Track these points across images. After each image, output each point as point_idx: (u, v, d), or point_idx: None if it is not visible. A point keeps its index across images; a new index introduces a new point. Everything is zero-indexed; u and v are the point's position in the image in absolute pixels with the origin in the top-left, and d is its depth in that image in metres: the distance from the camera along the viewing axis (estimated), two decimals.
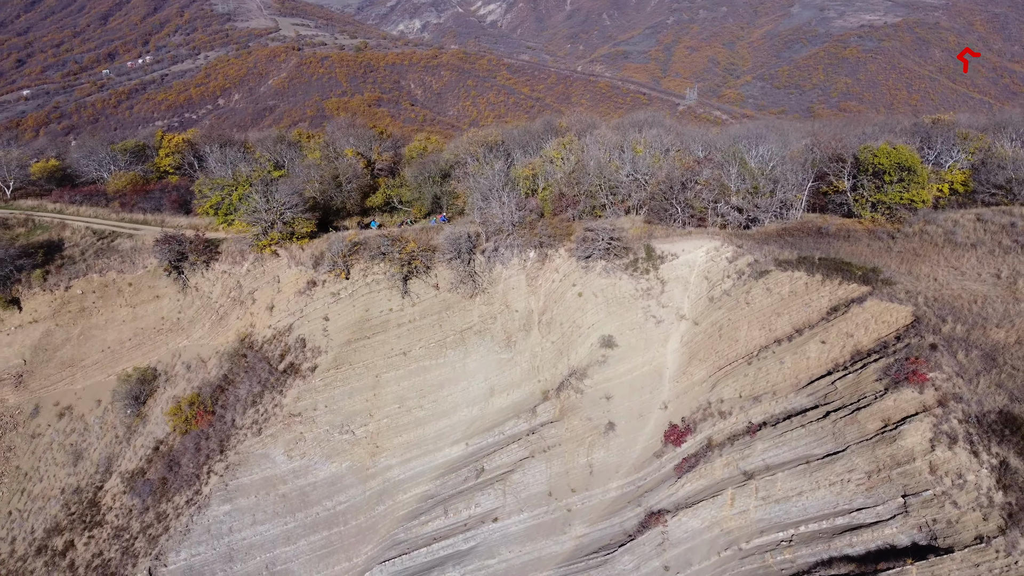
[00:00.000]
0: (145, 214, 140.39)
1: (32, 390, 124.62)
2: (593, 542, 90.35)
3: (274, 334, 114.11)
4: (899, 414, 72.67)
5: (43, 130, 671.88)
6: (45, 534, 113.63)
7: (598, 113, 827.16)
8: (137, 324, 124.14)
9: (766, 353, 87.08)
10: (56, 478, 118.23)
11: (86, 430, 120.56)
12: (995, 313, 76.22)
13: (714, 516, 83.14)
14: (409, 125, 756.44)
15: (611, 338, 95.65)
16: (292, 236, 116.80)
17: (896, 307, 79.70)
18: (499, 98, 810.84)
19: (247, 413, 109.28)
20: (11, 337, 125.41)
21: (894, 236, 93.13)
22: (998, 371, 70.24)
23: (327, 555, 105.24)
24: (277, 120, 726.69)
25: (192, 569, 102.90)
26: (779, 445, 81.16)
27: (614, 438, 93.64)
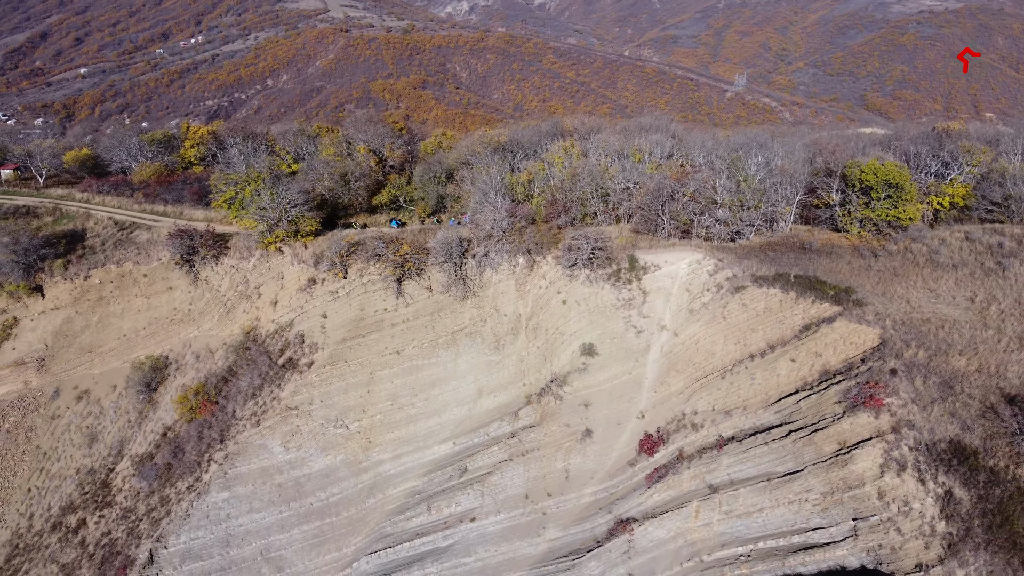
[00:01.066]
0: (166, 205, 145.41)
1: (53, 373, 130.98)
2: (565, 546, 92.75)
3: (276, 329, 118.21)
4: (854, 438, 73.44)
5: (99, 108, 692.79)
6: (60, 511, 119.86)
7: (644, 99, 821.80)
8: (151, 314, 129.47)
9: (740, 368, 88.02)
10: (72, 458, 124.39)
11: (102, 413, 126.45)
12: (961, 339, 76.17)
13: (679, 527, 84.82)
14: (453, 108, 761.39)
15: (592, 346, 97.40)
16: (296, 234, 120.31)
17: (864, 329, 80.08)
18: (544, 82, 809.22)
19: (247, 405, 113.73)
20: (35, 323, 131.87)
21: (877, 254, 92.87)
22: (954, 399, 70.51)
23: (319, 544, 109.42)
24: (324, 101, 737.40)
25: (191, 552, 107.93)
26: (744, 461, 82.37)
27: (591, 445, 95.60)
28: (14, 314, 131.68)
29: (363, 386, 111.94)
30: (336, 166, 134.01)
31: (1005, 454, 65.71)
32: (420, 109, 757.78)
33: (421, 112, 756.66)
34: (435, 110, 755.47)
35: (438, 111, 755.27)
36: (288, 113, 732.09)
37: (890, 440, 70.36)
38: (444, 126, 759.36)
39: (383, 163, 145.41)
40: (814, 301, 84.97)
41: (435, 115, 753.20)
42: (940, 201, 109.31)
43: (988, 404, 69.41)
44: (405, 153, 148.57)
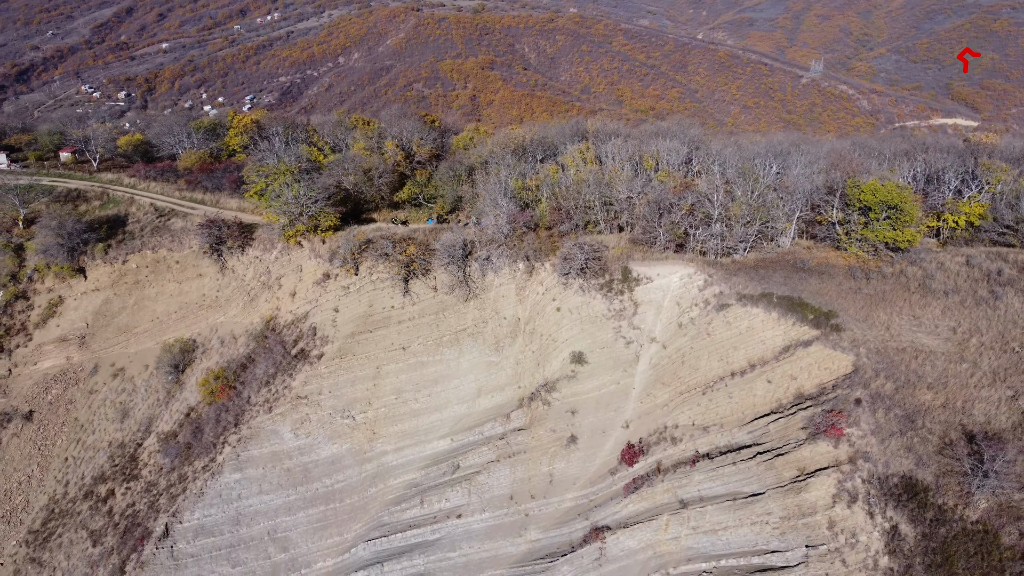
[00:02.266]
0: (204, 193, 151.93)
1: (93, 351, 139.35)
2: (543, 548, 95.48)
3: (293, 319, 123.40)
4: (813, 465, 74.03)
5: (178, 82, 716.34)
6: (92, 481, 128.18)
7: (715, 84, 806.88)
8: (182, 299, 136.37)
9: (720, 385, 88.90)
10: (106, 432, 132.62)
11: (134, 391, 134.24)
12: (932, 372, 75.63)
13: (649, 539, 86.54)
14: (520, 89, 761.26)
15: (582, 355, 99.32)
16: (316, 229, 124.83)
17: (838, 355, 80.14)
18: (612, 64, 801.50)
19: (261, 391, 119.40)
20: (77, 302, 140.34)
21: (870, 276, 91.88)
22: (913, 434, 70.41)
23: (322, 528, 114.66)
24: (393, 80, 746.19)
25: (203, 528, 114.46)
26: (713, 479, 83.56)
27: (575, 451, 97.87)
28: (60, 293, 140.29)
29: (370, 379, 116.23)
30: (361, 161, 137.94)
31: (955, 493, 65.61)
32: (487, 90, 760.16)
33: (487, 93, 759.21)
34: (501, 91, 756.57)
35: (504, 92, 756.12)
36: (357, 91, 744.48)
37: (845, 471, 70.80)
38: (510, 107, 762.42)
39: (410, 158, 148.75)
40: (794, 323, 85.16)
41: (501, 96, 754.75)
42: (956, 219, 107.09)
43: (947, 440, 69.13)
44: (433, 149, 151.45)
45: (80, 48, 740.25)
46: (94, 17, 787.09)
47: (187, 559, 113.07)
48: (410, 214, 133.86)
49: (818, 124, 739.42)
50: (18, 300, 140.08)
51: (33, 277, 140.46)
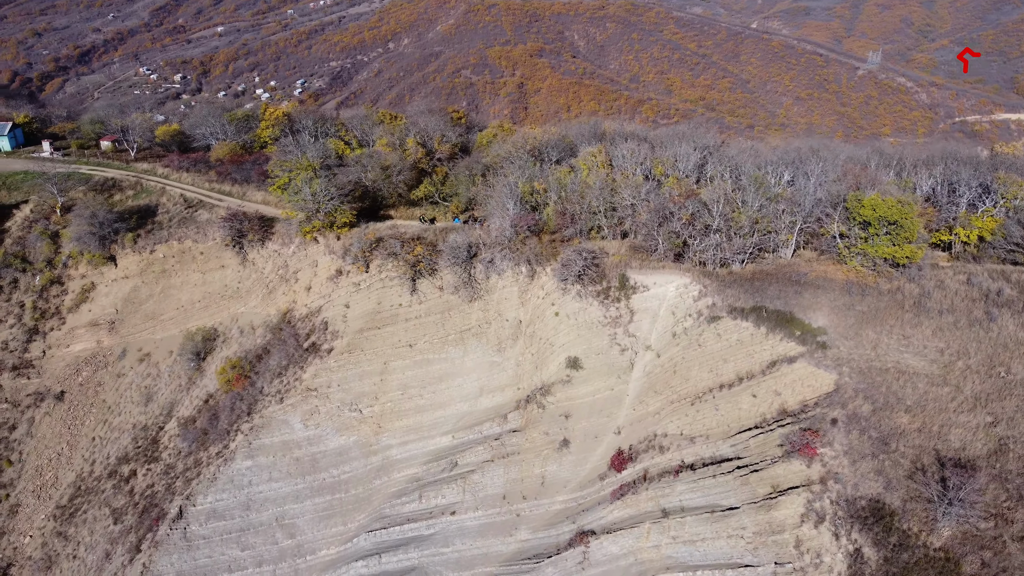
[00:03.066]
0: (233, 185, 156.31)
1: (122, 335, 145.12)
2: (532, 548, 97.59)
3: (307, 313, 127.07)
4: (785, 483, 74.67)
5: (232, 65, 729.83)
6: (116, 461, 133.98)
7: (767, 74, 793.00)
8: (206, 288, 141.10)
9: (708, 396, 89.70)
10: (131, 414, 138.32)
11: (158, 376, 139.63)
12: (913, 394, 75.46)
13: (632, 546, 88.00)
14: (568, 78, 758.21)
15: (577, 360, 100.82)
16: (332, 225, 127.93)
17: (821, 373, 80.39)
18: (663, 53, 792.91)
19: (274, 382, 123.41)
20: (108, 288, 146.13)
21: (866, 292, 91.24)
22: (885, 457, 70.58)
23: (327, 517, 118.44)
24: (441, 67, 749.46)
25: (215, 512, 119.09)
26: (694, 490, 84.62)
27: (567, 455, 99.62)
28: (92, 279, 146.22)
29: (377, 375, 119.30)
30: (380, 158, 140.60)
31: (920, 519, 65.80)
32: (535, 77, 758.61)
33: (535, 81, 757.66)
34: (549, 79, 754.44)
35: (552, 80, 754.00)
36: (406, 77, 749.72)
37: (815, 491, 71.35)
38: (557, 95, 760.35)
39: (431, 155, 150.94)
40: (782, 338, 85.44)
41: (549, 84, 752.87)
42: (968, 234, 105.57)
43: (919, 465, 69.18)
44: (453, 147, 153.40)
45: (139, 31, 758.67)
46: (153, 0, 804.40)
47: (199, 541, 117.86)
48: (427, 212, 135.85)
49: (873, 118, 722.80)
50: (53, 285, 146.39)
51: (68, 263, 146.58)
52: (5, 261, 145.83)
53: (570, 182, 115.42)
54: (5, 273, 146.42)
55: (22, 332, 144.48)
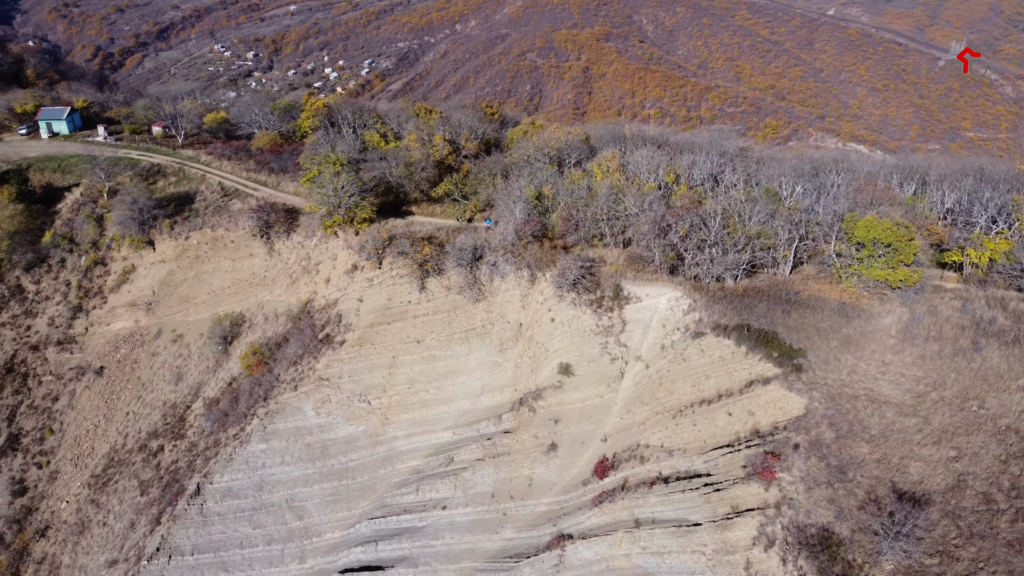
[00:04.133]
0: (269, 175, 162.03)
1: (158, 316, 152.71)
2: (515, 547, 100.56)
3: (324, 304, 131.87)
4: (743, 505, 75.82)
5: (302, 44, 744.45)
6: (147, 436, 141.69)
7: (842, 63, 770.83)
8: (235, 275, 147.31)
9: (689, 411, 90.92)
10: (162, 392, 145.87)
11: (189, 357, 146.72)
12: (878, 424, 75.47)
13: (604, 553, 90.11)
14: (634, 63, 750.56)
15: (569, 366, 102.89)
16: (352, 221, 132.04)
17: (793, 397, 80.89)
18: (733, 40, 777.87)
19: (289, 370, 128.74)
20: (147, 271, 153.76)
21: (854, 314, 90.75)
22: (840, 486, 71.10)
23: (334, 502, 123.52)
24: (507, 49, 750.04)
25: (230, 491, 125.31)
26: (665, 503, 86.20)
27: (555, 459, 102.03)
28: (133, 262, 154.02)
29: (386, 368, 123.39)
30: (404, 155, 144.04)
31: (864, 551, 66.38)
32: (600, 62, 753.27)
33: (601, 65, 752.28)
34: (615, 64, 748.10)
35: (618, 65, 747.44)
36: (472, 59, 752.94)
37: (769, 515, 72.35)
38: (622, 81, 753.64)
39: (457, 152, 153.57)
40: (760, 359, 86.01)
41: (614, 69, 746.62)
42: (979, 255, 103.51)
43: (873, 497, 69.54)
44: (480, 144, 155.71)
45: (215, 8, 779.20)
46: None
47: (214, 517, 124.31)
48: (462, 211, 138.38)
49: (952, 111, 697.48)
50: (97, 266, 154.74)
51: (111, 246, 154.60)
52: (54, 241, 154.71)
53: (577, 188, 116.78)
54: (54, 253, 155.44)
55: (67, 309, 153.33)
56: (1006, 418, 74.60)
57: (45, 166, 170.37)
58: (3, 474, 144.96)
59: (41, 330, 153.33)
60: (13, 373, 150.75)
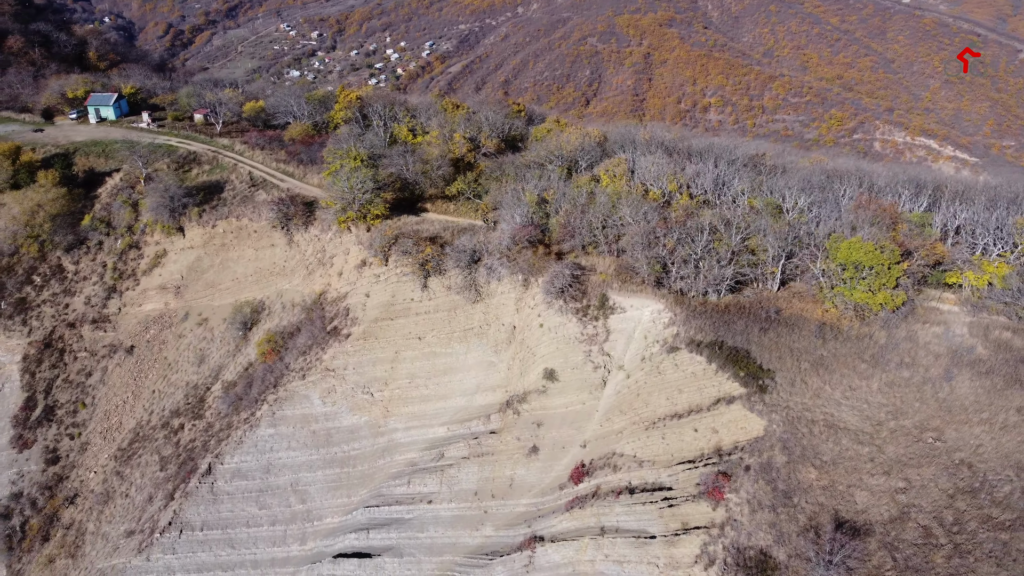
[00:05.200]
0: (298, 166, 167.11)
1: (186, 300, 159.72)
2: (492, 544, 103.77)
3: (335, 297, 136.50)
4: (692, 522, 77.42)
5: (365, 25, 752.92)
6: (169, 414, 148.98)
7: (915, 54, 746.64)
8: (257, 264, 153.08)
9: (661, 424, 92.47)
10: (186, 372, 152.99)
11: (212, 340, 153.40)
12: (831, 450, 76.04)
13: (571, 557, 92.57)
14: (697, 49, 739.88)
15: (553, 372, 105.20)
16: (366, 217, 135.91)
17: (753, 417, 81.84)
18: (801, 27, 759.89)
19: (298, 359, 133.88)
20: (177, 256, 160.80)
21: (832, 335, 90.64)
22: (784, 510, 72.12)
23: (335, 488, 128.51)
24: (568, 33, 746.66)
25: (239, 472, 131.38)
26: (628, 513, 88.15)
27: (535, 461, 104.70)
28: (164, 247, 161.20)
29: (388, 362, 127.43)
30: (421, 152, 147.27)
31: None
32: (662, 48, 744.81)
33: (662, 52, 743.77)
34: (677, 50, 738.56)
35: (680, 51, 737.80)
36: (532, 43, 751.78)
37: (713, 534, 73.84)
38: (684, 68, 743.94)
39: (477, 150, 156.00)
40: (728, 377, 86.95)
41: (676, 55, 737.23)
42: (977, 278, 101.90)
43: (814, 523, 70.43)
44: (500, 142, 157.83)
45: None
46: None
47: (223, 496, 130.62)
48: (460, 208, 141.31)
49: None
50: (131, 249, 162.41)
51: (144, 231, 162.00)
52: (92, 225, 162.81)
53: (577, 194, 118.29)
54: (92, 235, 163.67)
55: (103, 290, 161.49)
56: (961, 452, 74.35)
57: (90, 151, 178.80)
58: (39, 443, 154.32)
59: (78, 308, 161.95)
60: (51, 348, 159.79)
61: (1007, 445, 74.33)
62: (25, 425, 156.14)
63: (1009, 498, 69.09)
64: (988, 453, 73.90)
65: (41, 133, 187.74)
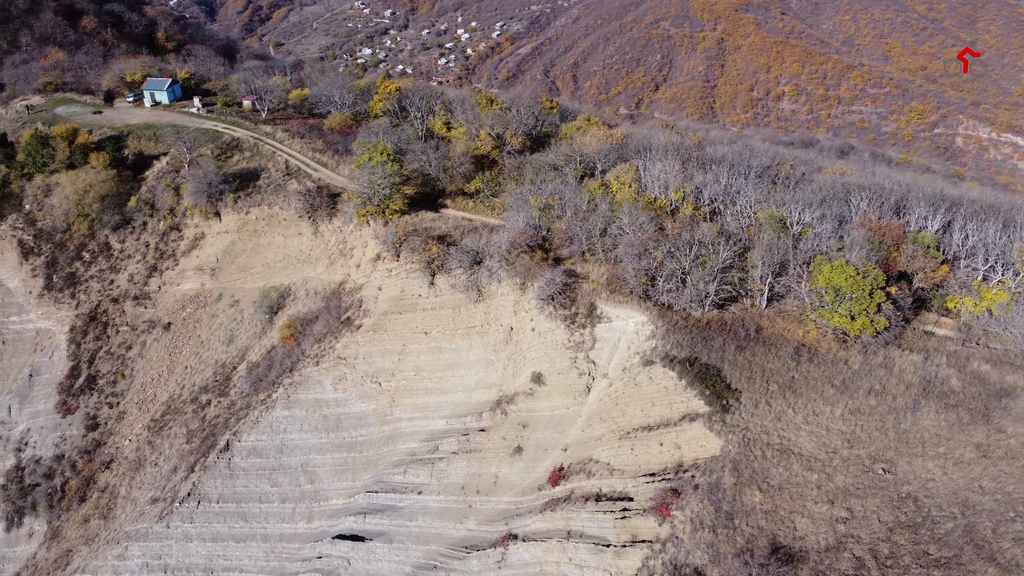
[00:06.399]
0: (332, 156, 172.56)
1: (220, 282, 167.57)
2: (473, 538, 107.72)
3: (352, 288, 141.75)
4: (640, 535, 79.88)
5: (438, 4, 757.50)
6: (199, 390, 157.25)
7: (1007, 46, 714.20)
8: (286, 251, 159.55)
9: (634, 434, 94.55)
10: (216, 351, 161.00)
11: (241, 321, 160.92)
12: (779, 475, 77.15)
13: (539, 557, 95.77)
14: (772, 36, 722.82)
15: (541, 376, 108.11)
16: (385, 211, 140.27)
17: (712, 437, 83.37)
18: (885, 15, 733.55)
19: (314, 346, 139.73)
20: (213, 239, 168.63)
21: (808, 358, 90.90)
22: (724, 531, 73.83)
23: (341, 471, 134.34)
24: (640, 16, 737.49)
25: (255, 450, 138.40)
26: (592, 520, 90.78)
27: (519, 461, 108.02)
28: (203, 230, 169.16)
29: (396, 354, 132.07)
30: (444, 150, 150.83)
31: None
32: (736, 34, 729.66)
33: (737, 37, 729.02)
34: (752, 36, 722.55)
35: (755, 38, 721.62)
36: (603, 25, 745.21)
37: (655, 549, 76.06)
38: (758, 55, 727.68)
39: (502, 147, 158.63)
40: (696, 395, 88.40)
41: (751, 42, 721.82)
42: (975, 304, 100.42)
43: (751, 546, 71.95)
44: (525, 140, 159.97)
45: None
46: None
47: (239, 472, 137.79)
48: (477, 206, 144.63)
49: None
50: (172, 231, 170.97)
51: (185, 214, 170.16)
52: (137, 206, 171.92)
53: (580, 200, 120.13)
54: (137, 216, 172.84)
55: (144, 268, 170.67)
56: (910, 485, 74.54)
57: (142, 134, 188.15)
58: (81, 410, 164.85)
59: (122, 285, 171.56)
60: (96, 321, 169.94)
61: (958, 481, 74.22)
62: (69, 392, 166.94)
63: (949, 535, 69.28)
64: (937, 488, 73.96)
65: (99, 115, 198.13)
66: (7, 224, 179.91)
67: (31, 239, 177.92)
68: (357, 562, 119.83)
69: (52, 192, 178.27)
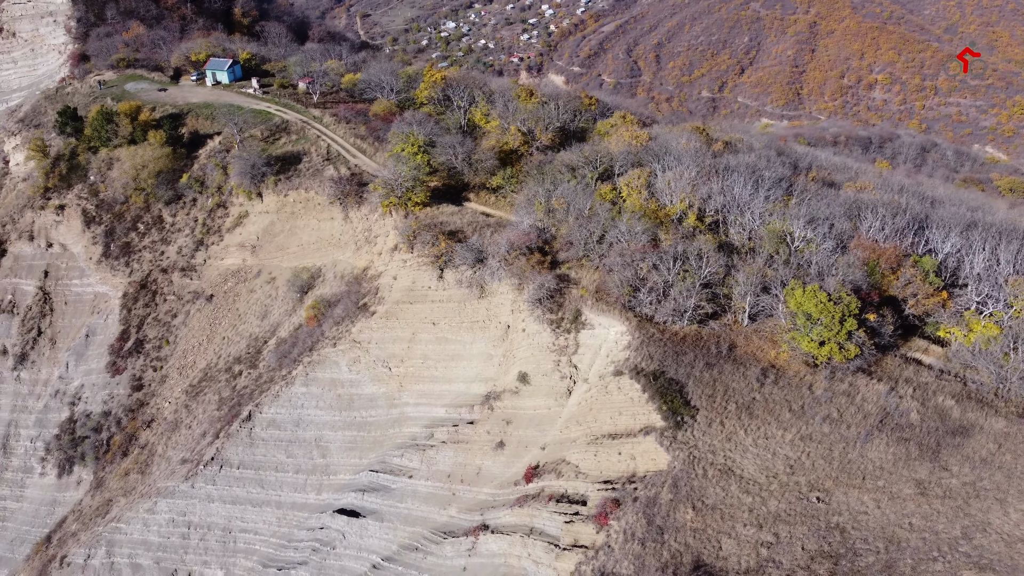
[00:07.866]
0: (372, 142, 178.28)
1: (260, 259, 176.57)
2: (452, 524, 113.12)
3: (373, 275, 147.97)
4: (580, 541, 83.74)
5: None
6: (233, 360, 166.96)
7: None
8: (319, 234, 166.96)
9: (601, 440, 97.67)
10: (251, 324, 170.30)
11: (276, 298, 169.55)
12: (715, 495, 79.28)
13: (504, 550, 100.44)
14: (868, 21, 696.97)
15: (526, 375, 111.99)
16: (407, 203, 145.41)
17: (661, 452, 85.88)
18: (994, 2, 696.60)
19: (332, 328, 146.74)
20: (255, 218, 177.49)
21: (768, 380, 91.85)
22: (652, 545, 76.75)
23: (350, 448, 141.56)
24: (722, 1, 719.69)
25: (274, 422, 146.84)
26: (550, 520, 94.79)
27: (500, 455, 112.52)
28: (246, 209, 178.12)
29: (406, 341, 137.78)
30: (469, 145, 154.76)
31: None
32: (830, 17, 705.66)
33: (830, 21, 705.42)
34: (847, 20, 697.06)
35: (850, 22, 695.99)
36: (691, 4, 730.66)
37: (587, 556, 79.60)
38: (851, 41, 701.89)
39: (531, 143, 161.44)
40: (655, 409, 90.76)
41: (845, 26, 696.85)
42: (964, 335, 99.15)
43: (675, 561, 74.67)
44: (554, 137, 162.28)
45: None
46: None
47: (259, 442, 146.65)
48: (498, 201, 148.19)
49: None
50: (219, 208, 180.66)
51: (232, 192, 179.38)
52: (188, 183, 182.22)
53: (581, 205, 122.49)
54: (187, 192, 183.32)
55: (192, 242, 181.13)
56: (840, 516, 75.63)
57: (200, 112, 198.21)
58: (128, 371, 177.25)
59: (171, 257, 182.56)
60: (146, 289, 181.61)
61: (889, 516, 74.94)
62: (119, 354, 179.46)
63: (868, 569, 70.45)
64: (867, 521, 74.86)
65: (164, 92, 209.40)
66: (73, 193, 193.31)
67: (93, 208, 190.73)
68: (351, 536, 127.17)
69: (114, 166, 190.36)
